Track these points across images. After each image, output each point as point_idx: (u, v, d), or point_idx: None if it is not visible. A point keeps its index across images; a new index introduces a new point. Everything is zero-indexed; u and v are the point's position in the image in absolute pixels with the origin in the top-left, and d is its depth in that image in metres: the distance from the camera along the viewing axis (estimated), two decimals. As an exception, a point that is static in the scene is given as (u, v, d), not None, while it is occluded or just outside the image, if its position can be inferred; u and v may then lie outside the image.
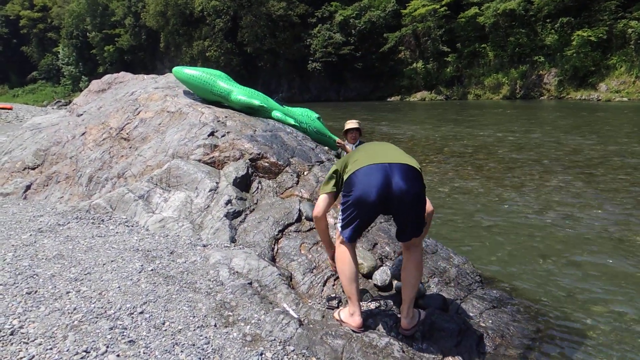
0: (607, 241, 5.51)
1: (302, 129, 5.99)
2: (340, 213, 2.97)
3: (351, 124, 6.32)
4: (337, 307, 3.16)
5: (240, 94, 5.74)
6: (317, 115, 6.23)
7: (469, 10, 38.78)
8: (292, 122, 5.88)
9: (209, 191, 4.32)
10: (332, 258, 3.33)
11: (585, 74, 32.22)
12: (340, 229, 2.97)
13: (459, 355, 2.87)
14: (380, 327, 2.99)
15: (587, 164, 10.02)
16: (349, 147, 6.20)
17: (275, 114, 5.85)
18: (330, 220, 4.12)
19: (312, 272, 3.56)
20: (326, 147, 6.07)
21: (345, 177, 2.91)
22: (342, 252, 2.97)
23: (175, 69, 6.12)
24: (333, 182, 3.08)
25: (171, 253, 3.60)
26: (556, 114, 22.95)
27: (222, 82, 5.78)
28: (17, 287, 2.89)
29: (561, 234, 5.83)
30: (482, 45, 39.17)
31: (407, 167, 2.80)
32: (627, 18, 31.10)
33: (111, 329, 2.52)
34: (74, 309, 2.67)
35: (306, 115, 6.13)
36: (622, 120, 18.68)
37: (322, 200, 3.11)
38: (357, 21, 45.59)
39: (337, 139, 6.29)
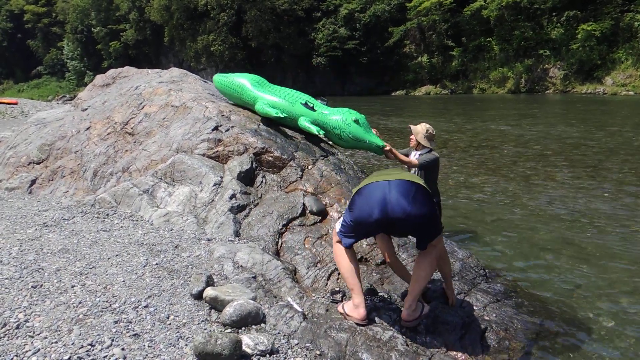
0: (613, 235, 5.49)
1: (336, 135, 4.90)
2: (342, 218, 3.01)
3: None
4: (341, 301, 3.17)
5: (263, 103, 5.00)
6: (355, 117, 4.85)
7: (474, 3, 38.56)
8: (321, 133, 4.86)
9: (213, 185, 4.33)
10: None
11: (591, 67, 32.04)
12: (338, 231, 3.00)
13: (463, 349, 2.87)
14: (384, 320, 2.99)
15: (593, 158, 9.98)
16: (412, 155, 4.95)
17: (302, 122, 4.90)
18: (334, 214, 4.13)
19: (316, 266, 3.56)
20: (331, 142, 5.25)
21: (352, 193, 2.96)
22: (339, 248, 3.00)
23: (215, 76, 5.63)
24: None
25: (176, 247, 3.62)
26: (562, 107, 22.85)
27: (252, 88, 5.19)
28: (22, 281, 2.90)
29: (566, 227, 5.81)
30: (488, 39, 38.96)
31: (407, 183, 2.77)
32: (633, 11, 30.87)
33: (116, 322, 2.53)
34: (79, 302, 2.69)
35: (342, 119, 4.86)
36: (628, 114, 18.58)
37: (379, 244, 3.19)
38: (362, 15, 45.44)
39: (385, 144, 4.77)
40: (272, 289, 3.22)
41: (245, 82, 5.26)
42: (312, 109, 4.96)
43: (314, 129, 4.83)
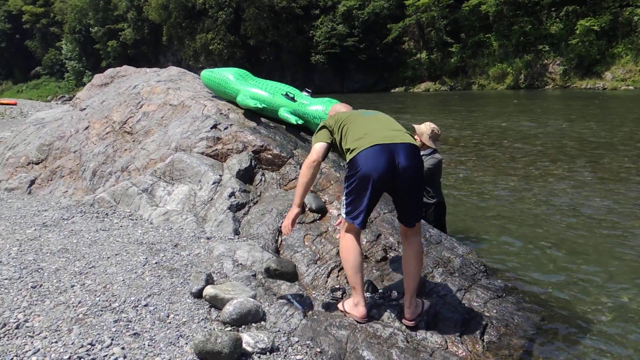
0: (613, 230, 5.49)
1: (316, 125, 4.72)
2: (344, 197, 2.91)
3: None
4: (341, 298, 3.16)
5: (244, 95, 5.12)
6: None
7: (472, -1, 38.47)
8: (300, 122, 4.97)
9: (212, 184, 4.32)
10: (297, 205, 3.05)
11: (590, 62, 31.96)
12: (345, 215, 2.89)
13: (464, 345, 2.87)
14: (384, 317, 2.99)
15: (593, 153, 9.97)
16: None
17: (282, 112, 5.00)
18: (334, 212, 4.12)
19: (316, 263, 3.56)
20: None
21: (348, 158, 2.87)
22: (347, 240, 2.91)
23: (202, 72, 5.75)
24: (327, 133, 3.09)
25: (175, 246, 3.61)
26: (561, 103, 22.83)
27: (236, 81, 5.29)
28: (22, 281, 2.90)
29: (566, 223, 5.81)
30: (487, 35, 38.86)
31: (411, 147, 2.84)
32: (632, 6, 30.79)
33: (116, 321, 2.53)
34: (79, 302, 2.69)
35: (323, 109, 4.94)
36: (628, 109, 18.56)
37: (320, 146, 3.06)
38: (360, 12, 45.32)
39: None
40: (272, 286, 3.21)
41: (228, 75, 5.37)
42: (292, 99, 5.08)
43: (292, 119, 4.99)
